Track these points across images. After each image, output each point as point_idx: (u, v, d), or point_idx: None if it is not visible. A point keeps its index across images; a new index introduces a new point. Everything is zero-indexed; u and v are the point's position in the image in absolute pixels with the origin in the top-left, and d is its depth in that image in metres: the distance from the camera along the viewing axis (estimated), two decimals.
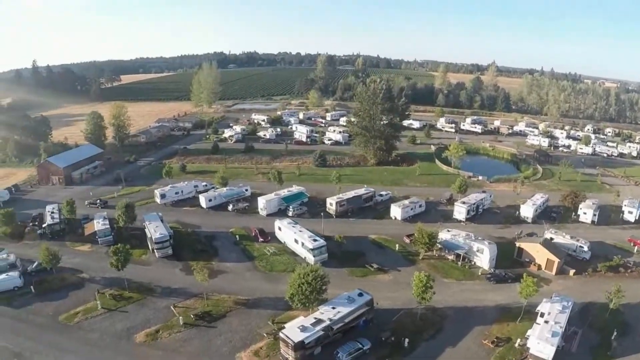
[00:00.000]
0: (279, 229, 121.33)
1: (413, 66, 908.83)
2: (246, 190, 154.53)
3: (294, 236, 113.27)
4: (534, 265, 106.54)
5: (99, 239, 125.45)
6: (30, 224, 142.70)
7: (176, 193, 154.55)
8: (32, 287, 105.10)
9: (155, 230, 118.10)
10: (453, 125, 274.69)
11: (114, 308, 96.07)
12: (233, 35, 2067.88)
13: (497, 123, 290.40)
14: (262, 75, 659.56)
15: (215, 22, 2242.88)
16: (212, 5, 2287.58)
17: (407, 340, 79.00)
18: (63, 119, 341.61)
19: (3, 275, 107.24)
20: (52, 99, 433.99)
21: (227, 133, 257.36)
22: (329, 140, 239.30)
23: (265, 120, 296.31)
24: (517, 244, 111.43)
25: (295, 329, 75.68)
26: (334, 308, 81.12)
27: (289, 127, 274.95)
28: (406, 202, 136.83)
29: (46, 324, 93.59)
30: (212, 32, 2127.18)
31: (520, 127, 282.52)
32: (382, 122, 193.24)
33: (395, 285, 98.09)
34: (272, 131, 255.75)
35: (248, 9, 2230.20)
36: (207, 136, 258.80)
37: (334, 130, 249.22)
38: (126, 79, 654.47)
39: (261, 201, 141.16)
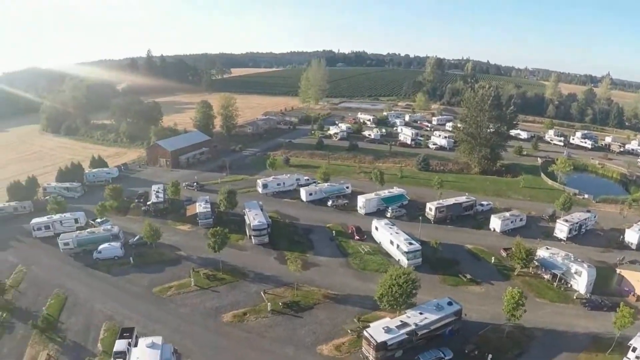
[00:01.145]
0: (376, 228, 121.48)
1: (524, 74, 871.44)
2: (347, 187, 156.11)
3: (390, 237, 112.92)
4: (633, 295, 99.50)
5: (199, 221, 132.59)
6: (136, 200, 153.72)
7: (278, 184, 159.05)
8: (131, 258, 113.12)
9: (254, 217, 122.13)
10: (562, 138, 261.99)
11: (206, 287, 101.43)
12: (343, 34, 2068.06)
13: (608, 139, 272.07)
14: (370, 75, 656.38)
15: (325, 20, 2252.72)
16: (322, 3, 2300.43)
17: (490, 356, 76.93)
18: (174, 106, 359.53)
19: (106, 245, 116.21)
20: (164, 86, 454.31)
21: (332, 130, 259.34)
22: (433, 144, 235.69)
23: (371, 120, 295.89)
24: (618, 271, 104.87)
25: (380, 329, 75.91)
26: (421, 313, 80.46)
27: (394, 128, 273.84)
28: (507, 214, 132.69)
29: (140, 293, 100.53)
30: (322, 31, 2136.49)
31: (633, 145, 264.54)
32: (488, 130, 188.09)
33: (486, 299, 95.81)
34: (377, 131, 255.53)
35: (358, 8, 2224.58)
36: (313, 132, 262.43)
37: (439, 135, 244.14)
38: (236, 72, 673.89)
39: (361, 200, 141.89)
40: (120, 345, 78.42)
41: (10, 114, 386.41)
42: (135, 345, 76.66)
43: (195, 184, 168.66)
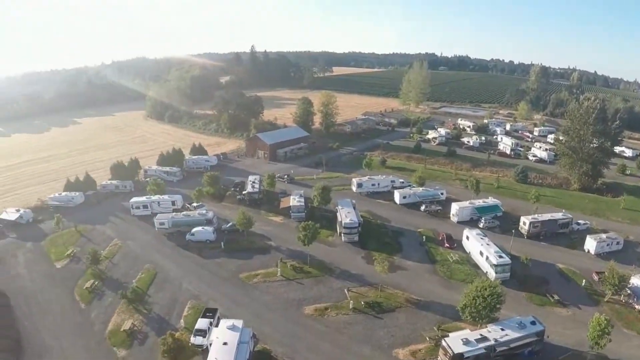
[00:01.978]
0: (467, 238, 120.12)
1: (632, 87, 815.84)
2: (441, 193, 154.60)
3: (480, 248, 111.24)
4: None
5: (291, 214, 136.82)
6: (232, 189, 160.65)
7: (372, 185, 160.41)
8: (222, 243, 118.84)
9: (346, 215, 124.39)
10: None
11: (291, 278, 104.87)
12: (445, 37, 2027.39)
13: None
14: (472, 80, 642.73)
15: (428, 22, 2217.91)
16: (426, 6, 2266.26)
17: None
18: (274, 101, 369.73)
19: (199, 228, 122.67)
20: (266, 81, 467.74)
21: (431, 134, 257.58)
22: (533, 156, 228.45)
23: (471, 126, 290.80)
24: None
25: (458, 340, 75.31)
26: (502, 329, 78.64)
27: (494, 137, 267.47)
28: (603, 236, 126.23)
29: (227, 277, 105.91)
30: (425, 33, 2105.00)
31: None
32: (591, 145, 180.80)
33: (571, 322, 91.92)
34: (477, 139, 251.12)
35: (462, 11, 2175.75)
36: (411, 135, 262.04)
37: (540, 147, 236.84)
38: (338, 70, 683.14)
39: (454, 207, 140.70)
40: (202, 323, 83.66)
41: (118, 100, 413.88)
42: (216, 326, 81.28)
43: (286, 176, 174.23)
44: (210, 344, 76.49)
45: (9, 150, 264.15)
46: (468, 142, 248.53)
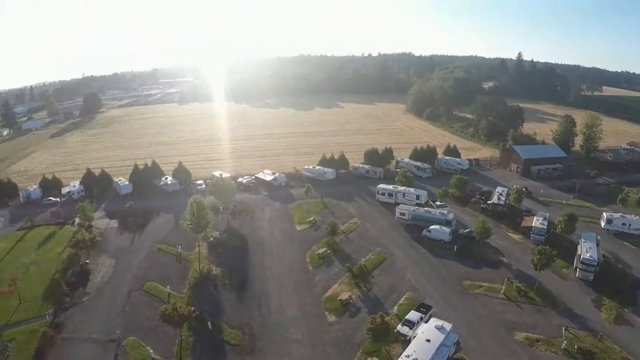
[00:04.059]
0: None
1: None
2: None
3: None
4: None
5: (531, 235, 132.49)
6: (477, 196, 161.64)
7: (623, 224, 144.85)
8: (455, 246, 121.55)
9: (587, 250, 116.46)
10: None
11: (513, 299, 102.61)
12: None
13: None
14: None
15: None
16: None
17: None
18: (536, 114, 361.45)
19: (437, 227, 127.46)
20: (529, 92, 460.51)
21: None
22: None
23: None
24: None
25: None
26: None
27: None
28: None
29: (451, 280, 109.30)
30: None
31: None
32: None
33: None
34: None
35: None
36: None
37: None
38: (607, 90, 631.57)
39: None
40: (413, 315, 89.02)
41: (380, 91, 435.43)
42: (426, 322, 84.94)
43: (524, 189, 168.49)
44: (414, 337, 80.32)
45: (274, 121, 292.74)
46: None
